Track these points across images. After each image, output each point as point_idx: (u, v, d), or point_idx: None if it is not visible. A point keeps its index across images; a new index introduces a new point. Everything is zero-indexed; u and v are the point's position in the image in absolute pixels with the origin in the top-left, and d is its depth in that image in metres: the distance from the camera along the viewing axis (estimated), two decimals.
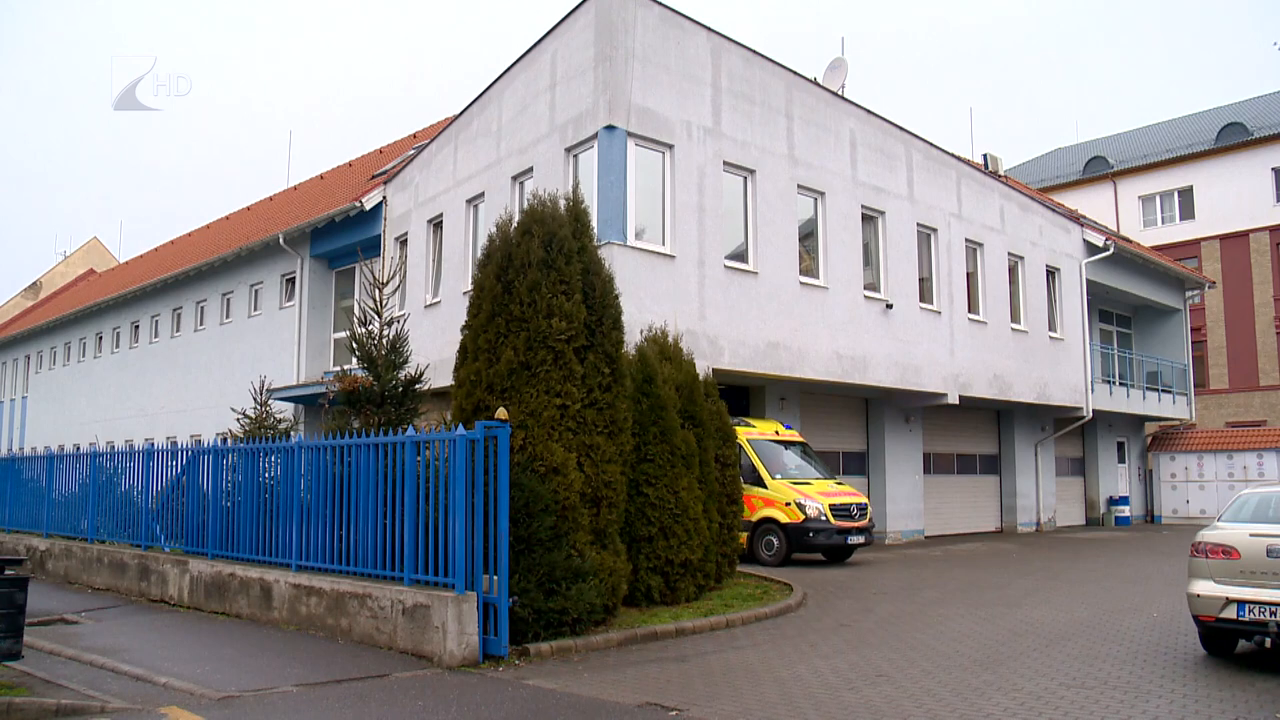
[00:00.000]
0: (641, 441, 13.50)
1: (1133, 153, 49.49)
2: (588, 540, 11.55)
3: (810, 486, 19.55)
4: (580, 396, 11.78)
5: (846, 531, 19.23)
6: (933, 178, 25.57)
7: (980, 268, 27.21)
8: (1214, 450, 35.78)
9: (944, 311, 25.49)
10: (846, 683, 9.39)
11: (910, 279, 24.54)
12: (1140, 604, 14.64)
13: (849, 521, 19.38)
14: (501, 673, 9.75)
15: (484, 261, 12.31)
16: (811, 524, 18.95)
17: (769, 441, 20.42)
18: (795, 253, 21.42)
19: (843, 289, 22.45)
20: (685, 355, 15.54)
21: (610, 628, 11.69)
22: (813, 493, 19.31)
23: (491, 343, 11.81)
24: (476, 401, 11.69)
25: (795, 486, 19.38)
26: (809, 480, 19.89)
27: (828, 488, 19.74)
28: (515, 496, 10.75)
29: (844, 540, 19.19)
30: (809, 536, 18.96)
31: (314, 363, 27.75)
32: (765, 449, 20.16)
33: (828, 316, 21.91)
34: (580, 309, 11.90)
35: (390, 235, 25.56)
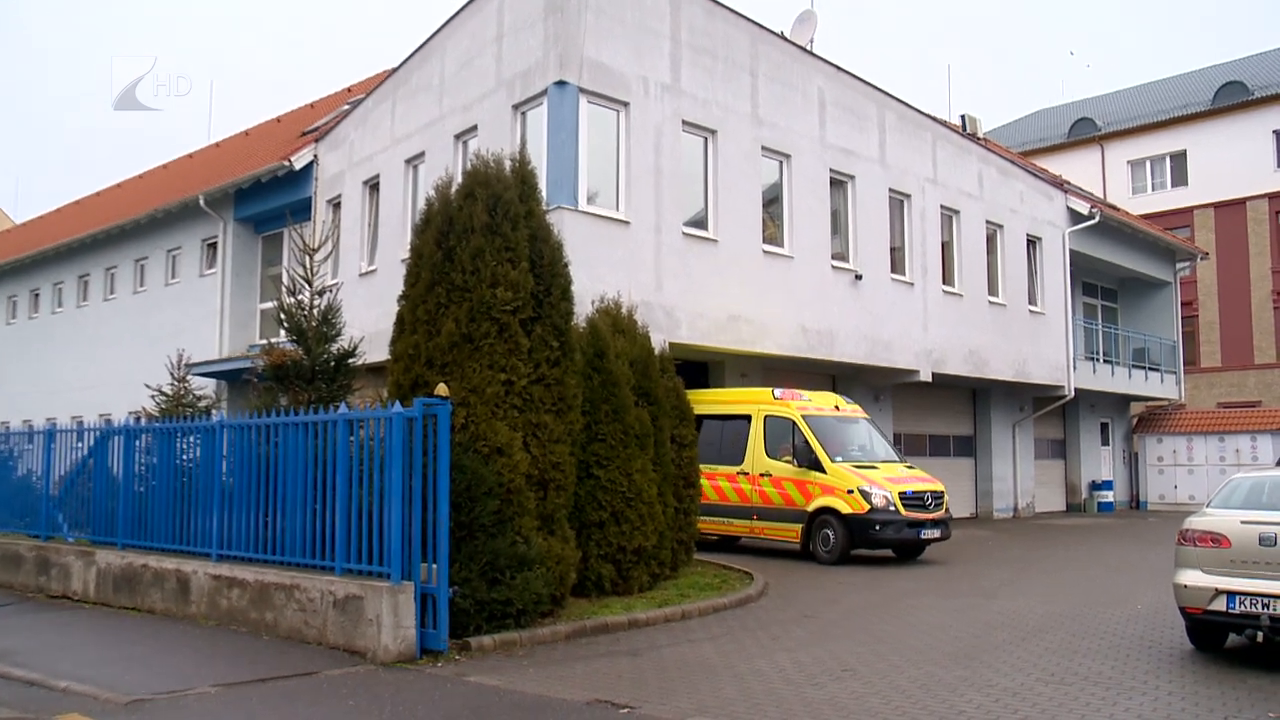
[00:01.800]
0: (592, 420, 13.52)
1: (1122, 114, 49.88)
2: (534, 526, 11.56)
3: (876, 471, 18.48)
4: (527, 372, 11.78)
5: (919, 524, 18.11)
6: (907, 140, 25.73)
7: (956, 236, 27.48)
8: (1204, 432, 36.18)
9: (917, 283, 25.73)
10: (810, 678, 9.50)
11: (881, 248, 24.72)
12: (1123, 595, 14.94)
13: (921, 512, 18.21)
14: (440, 669, 9.76)
15: (423, 226, 12.26)
16: (878, 515, 17.77)
17: (828, 418, 19.41)
18: (759, 219, 21.49)
19: (809, 258, 22.58)
20: (640, 328, 15.58)
21: (558, 619, 11.73)
22: (879, 478, 18.18)
23: (431, 314, 11.77)
24: (415, 377, 11.66)
25: (859, 471, 18.32)
26: (874, 464, 18.86)
27: (896, 472, 18.74)
28: (456, 479, 10.74)
29: (916, 535, 18.11)
30: (874, 530, 17.81)
31: (238, 335, 27.49)
32: (823, 427, 19.10)
33: (793, 288, 22.03)
34: (527, 278, 11.88)
35: (322, 197, 25.33)
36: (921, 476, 19.04)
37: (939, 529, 18.48)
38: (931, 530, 18.35)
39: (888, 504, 17.85)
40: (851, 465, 18.45)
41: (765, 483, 19.06)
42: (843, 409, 19.87)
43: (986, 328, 28.01)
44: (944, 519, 18.65)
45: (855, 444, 19.35)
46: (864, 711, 8.29)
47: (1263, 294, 43.95)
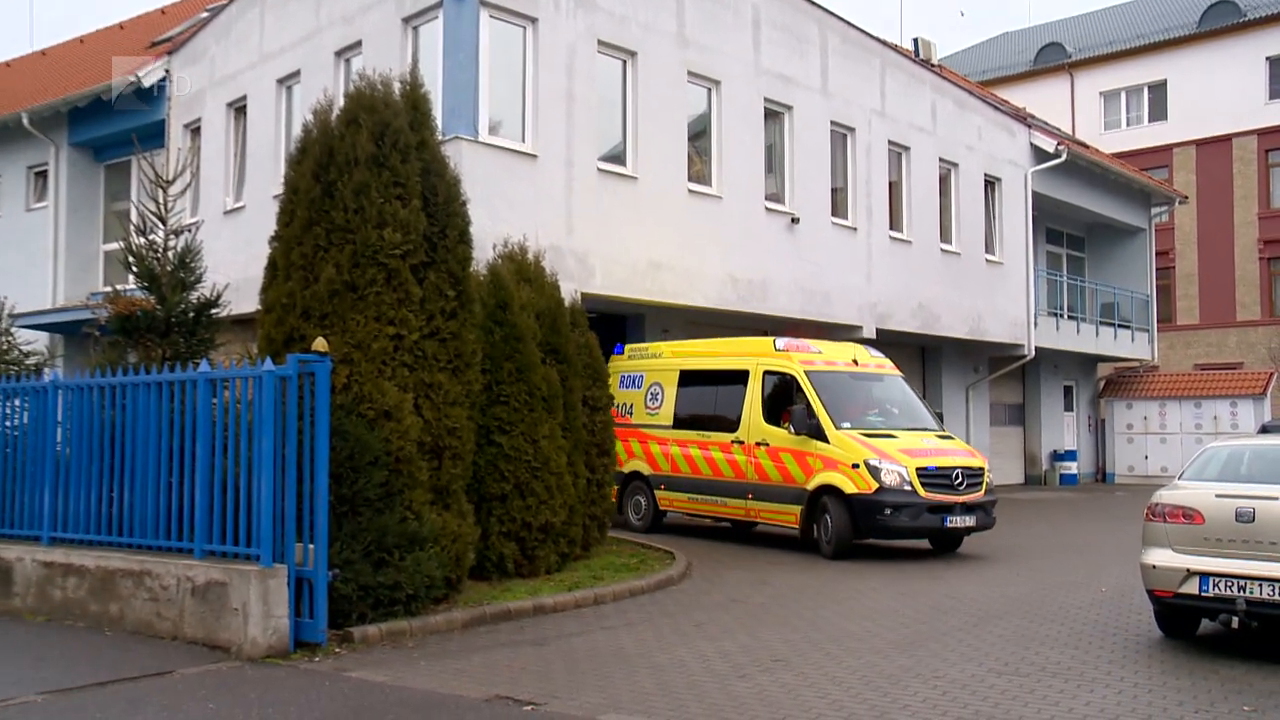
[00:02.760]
0: (494, 380, 13.55)
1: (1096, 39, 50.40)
2: (426, 500, 11.58)
3: (893, 441, 16.95)
4: (418, 325, 11.76)
5: (944, 509, 16.49)
6: (852, 66, 25.95)
7: (905, 176, 27.84)
8: (1179, 397, 36.93)
9: (861, 228, 26.04)
10: (736, 669, 9.68)
11: (821, 188, 24.96)
12: (1086, 577, 15.43)
13: (947, 494, 16.56)
14: (318, 663, 9.77)
15: (298, 157, 12.13)
16: (888, 496, 16.23)
17: (840, 374, 18.16)
18: (684, 155, 21.57)
19: (740, 199, 22.73)
20: (549, 276, 15.61)
21: (454, 605, 11.79)
22: (893, 450, 16.64)
23: (308, 258, 11.70)
24: (289, 330, 11.59)
25: (869, 440, 16.82)
26: (893, 431, 17.37)
27: (920, 443, 17.13)
28: (337, 447, 10.72)
29: (939, 522, 16.50)
30: (883, 515, 16.28)
31: (77, 281, 26.91)
32: (833, 385, 17.81)
33: (721, 232, 22.17)
34: (419, 218, 11.85)
35: (178, 121, 24.83)
36: (955, 449, 17.50)
37: (973, 515, 16.80)
38: (961, 517, 16.64)
39: (901, 482, 16.31)
40: (861, 433, 16.96)
41: (762, 454, 17.82)
42: (864, 363, 18.66)
43: (938, 279, 28.46)
44: (982, 503, 16.98)
45: (875, 406, 18.07)
46: (796, 706, 8.48)
47: (1247, 243, 44.64)
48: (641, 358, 20.66)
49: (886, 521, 16.34)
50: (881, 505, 16.25)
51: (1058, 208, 35.59)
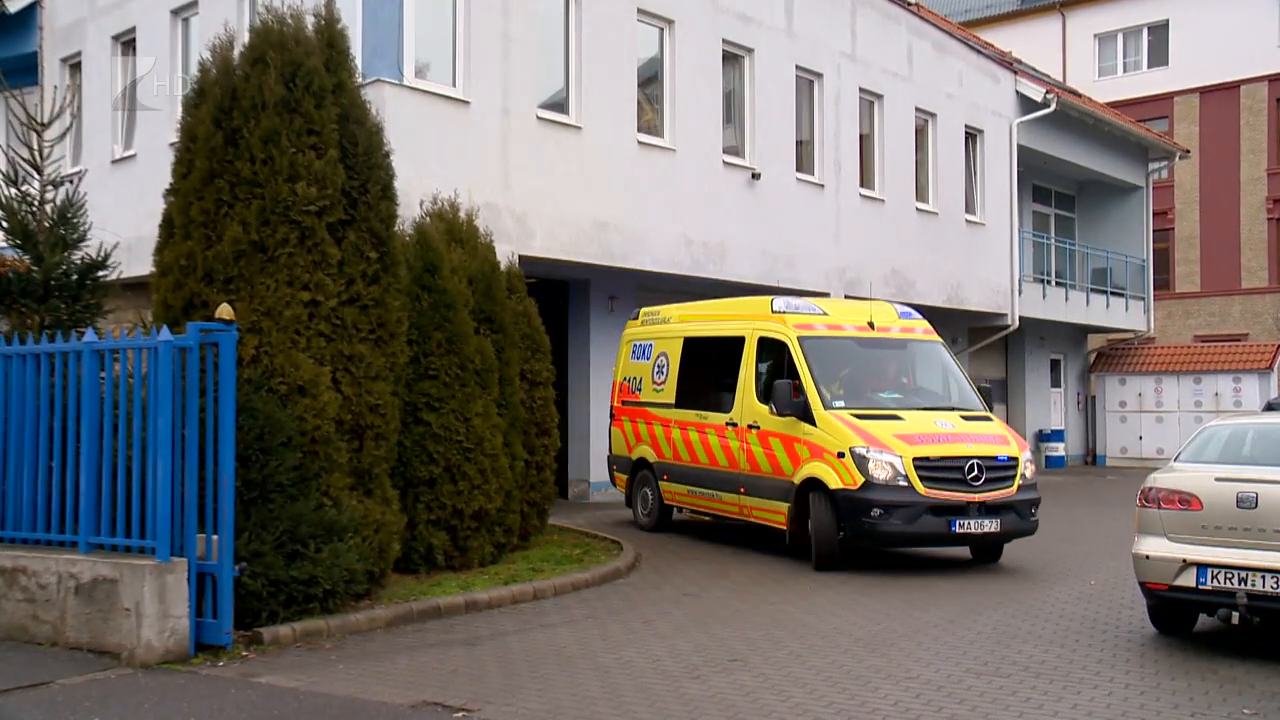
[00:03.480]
0: (421, 352, 13.53)
1: None
2: (346, 485, 11.55)
3: (893, 423, 15.10)
4: (337, 290, 11.70)
5: (952, 510, 14.53)
6: (819, 4, 25.91)
7: (878, 128, 27.85)
8: (1178, 372, 37.01)
9: (828, 185, 26.07)
10: (690, 670, 9.71)
11: (785, 141, 24.94)
12: (1073, 568, 15.65)
13: (958, 490, 14.56)
14: (222, 668, 9.69)
15: (196, 100, 12.00)
16: (875, 493, 14.42)
17: (845, 340, 16.54)
18: (633, 103, 21.49)
19: (696, 153, 22.67)
20: (483, 237, 15.57)
21: (377, 602, 11.79)
22: (887, 434, 14.79)
23: (210, 214, 11.58)
24: (189, 295, 11.48)
25: (861, 422, 15.02)
26: (900, 412, 15.55)
27: (932, 425, 15.23)
28: (245, 426, 10.65)
29: (945, 527, 14.55)
30: (870, 517, 14.46)
31: None
32: (832, 354, 16.29)
33: (675, 189, 22.11)
34: (337, 170, 11.77)
35: (53, 54, 24.36)
36: (982, 433, 15.42)
37: (997, 519, 14.80)
38: (978, 520, 14.66)
39: (894, 475, 14.45)
40: (854, 413, 15.22)
41: (753, 439, 16.35)
42: (885, 326, 16.78)
43: (913, 241, 28.57)
44: (1012, 503, 14.95)
45: (891, 380, 16.62)
46: (755, 710, 8.50)
47: (1255, 201, 44.67)
48: (652, 323, 19.43)
49: (874, 525, 14.45)
50: (867, 504, 14.39)
51: (1046, 163, 35.72)
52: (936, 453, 14.75)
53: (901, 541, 15.26)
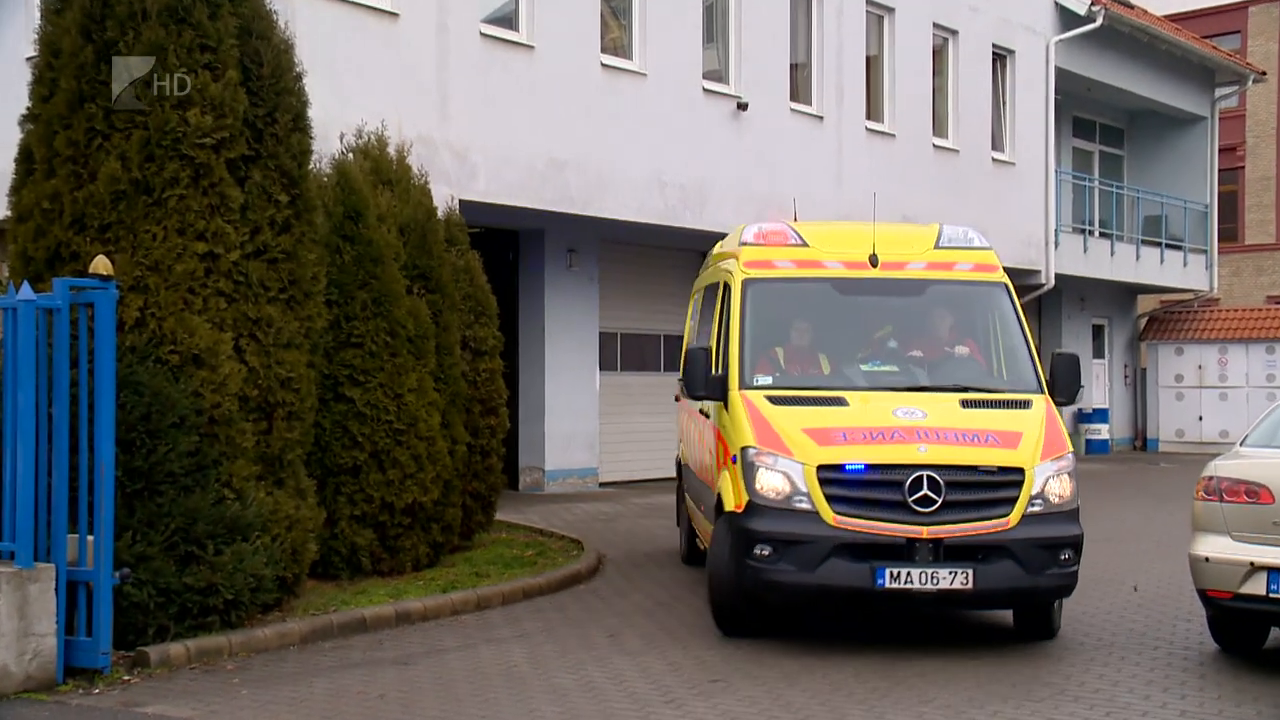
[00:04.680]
0: (343, 315, 13.45)
1: None
2: (252, 474, 11.43)
3: (832, 411, 11.96)
4: (239, 240, 11.50)
5: (880, 550, 11.03)
6: None
7: (888, 48, 27.87)
8: (1246, 339, 36.92)
9: (829, 116, 26.03)
10: (664, 693, 9.67)
11: (778, 65, 24.89)
12: (1116, 573, 15.58)
13: (896, 520, 11.06)
14: (99, 696, 9.56)
15: (58, 5, 11.76)
16: (761, 520, 11.31)
17: (818, 283, 13.47)
18: (596, 18, 21.47)
19: (671, 79, 22.61)
20: (416, 178, 15.48)
21: (289, 614, 11.72)
22: (792, 430, 11.63)
23: (79, 147, 11.36)
24: (54, 245, 11.30)
25: (776, 409, 11.99)
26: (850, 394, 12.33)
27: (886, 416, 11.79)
28: (128, 404, 10.52)
29: (869, 577, 10.90)
30: (755, 557, 11.21)
31: None
32: (789, 304, 13.53)
33: (646, 122, 22.02)
34: (237, 95, 11.58)
35: None
36: (971, 429, 11.80)
37: (967, 569, 10.96)
38: (932, 570, 10.93)
39: (788, 493, 11.29)
40: (776, 393, 12.32)
41: (708, 430, 13.80)
42: (894, 261, 13.30)
43: (928, 184, 28.48)
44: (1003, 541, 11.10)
45: (881, 341, 13.47)
46: None
47: None
48: (712, 263, 16.27)
49: (759, 571, 11.16)
50: (750, 538, 11.26)
51: (1090, 90, 35.70)
52: (861, 457, 11.25)
53: (798, 597, 11.51)
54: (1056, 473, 11.47)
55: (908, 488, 11.04)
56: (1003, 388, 12.79)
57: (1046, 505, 11.36)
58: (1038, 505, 11.30)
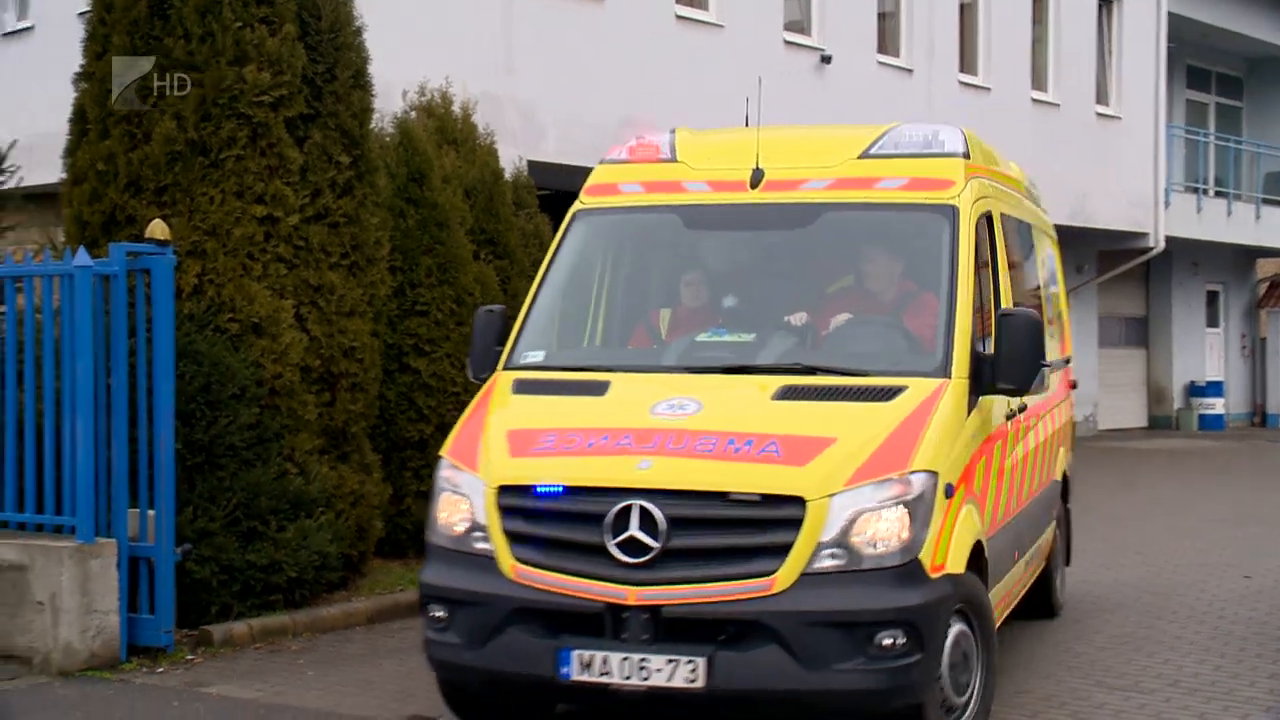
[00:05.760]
0: (407, 282, 13.50)
1: None
2: (315, 447, 11.56)
3: (577, 403, 8.93)
4: (299, 203, 11.60)
5: (570, 620, 7.84)
6: None
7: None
8: None
9: (918, 69, 25.96)
10: None
11: (864, 14, 24.85)
12: (1229, 558, 15.42)
13: (595, 572, 7.78)
14: (163, 676, 9.68)
15: None
16: (434, 570, 8.48)
17: (663, 215, 10.28)
18: None
19: (749, 29, 22.53)
20: (482, 138, 15.48)
21: (355, 593, 11.85)
22: (496, 432, 8.73)
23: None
24: (110, 209, 11.39)
25: (503, 399, 9.18)
26: (616, 376, 9.20)
27: (640, 414, 8.60)
28: (188, 374, 10.61)
29: (549, 660, 7.83)
30: (430, 627, 8.39)
31: None
32: (626, 244, 10.82)
33: (722, 76, 21.90)
34: (295, 50, 11.64)
35: None
36: (744, 433, 8.30)
37: (699, 655, 7.57)
38: (641, 655, 7.62)
39: (465, 528, 8.30)
40: (527, 375, 9.39)
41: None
42: (788, 179, 9.86)
43: (1026, 140, 28.05)
44: (761, 615, 7.62)
45: (743, 297, 10.16)
46: None
47: None
48: None
49: (429, 643, 8.35)
50: (422, 594, 8.57)
51: (1205, 36, 35.26)
52: (559, 475, 8.13)
53: (470, 684, 8.60)
54: (878, 505, 7.66)
55: (610, 525, 7.69)
56: (872, 368, 8.89)
57: (851, 558, 7.60)
58: (834, 558, 7.59)
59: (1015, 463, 9.85)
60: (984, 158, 10.36)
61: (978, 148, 10.13)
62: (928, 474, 7.74)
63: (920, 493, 7.67)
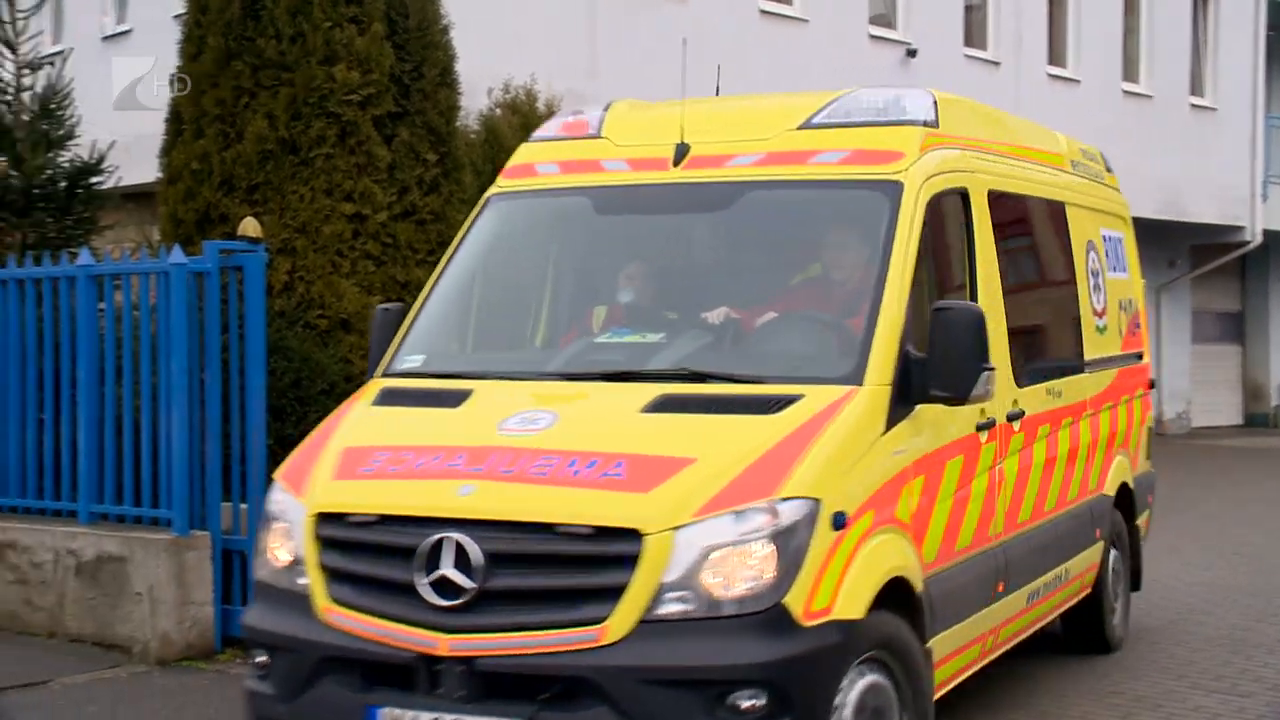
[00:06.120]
0: None
1: None
2: None
3: (435, 416, 7.86)
4: (387, 201, 11.81)
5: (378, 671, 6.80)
6: None
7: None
8: None
9: (1005, 62, 25.97)
10: None
11: (950, 7, 24.97)
12: None
13: (405, 617, 6.58)
14: None
15: None
16: (257, 610, 7.58)
17: (573, 197, 9.11)
18: None
19: (834, 24, 22.66)
20: None
21: None
22: (331, 450, 7.61)
23: (227, 105, 11.75)
24: (204, 207, 11.65)
25: (362, 410, 8.20)
26: (480, 384, 8.02)
27: (483, 431, 7.35)
28: (278, 369, 10.80)
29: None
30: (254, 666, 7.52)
31: None
32: (510, 231, 9.44)
33: (806, 71, 21.95)
34: (383, 49, 11.87)
35: None
36: (590, 452, 6.93)
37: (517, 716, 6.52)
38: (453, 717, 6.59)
39: (287, 561, 7.29)
40: (413, 383, 8.32)
41: None
42: (713, 155, 8.61)
43: (1117, 133, 27.72)
44: (564, 665, 6.36)
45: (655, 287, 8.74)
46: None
47: None
48: None
49: (249, 694, 7.39)
50: (246, 640, 8.00)
51: None
52: (377, 502, 7.00)
53: None
54: (736, 540, 6.31)
55: (422, 561, 6.56)
56: (772, 374, 7.59)
57: (701, 603, 6.27)
58: (680, 602, 6.29)
59: (999, 481, 8.50)
60: (970, 126, 9.17)
61: (958, 115, 8.94)
62: (804, 501, 6.37)
63: (791, 524, 6.31)
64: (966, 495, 7.97)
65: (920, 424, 7.35)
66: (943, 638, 7.48)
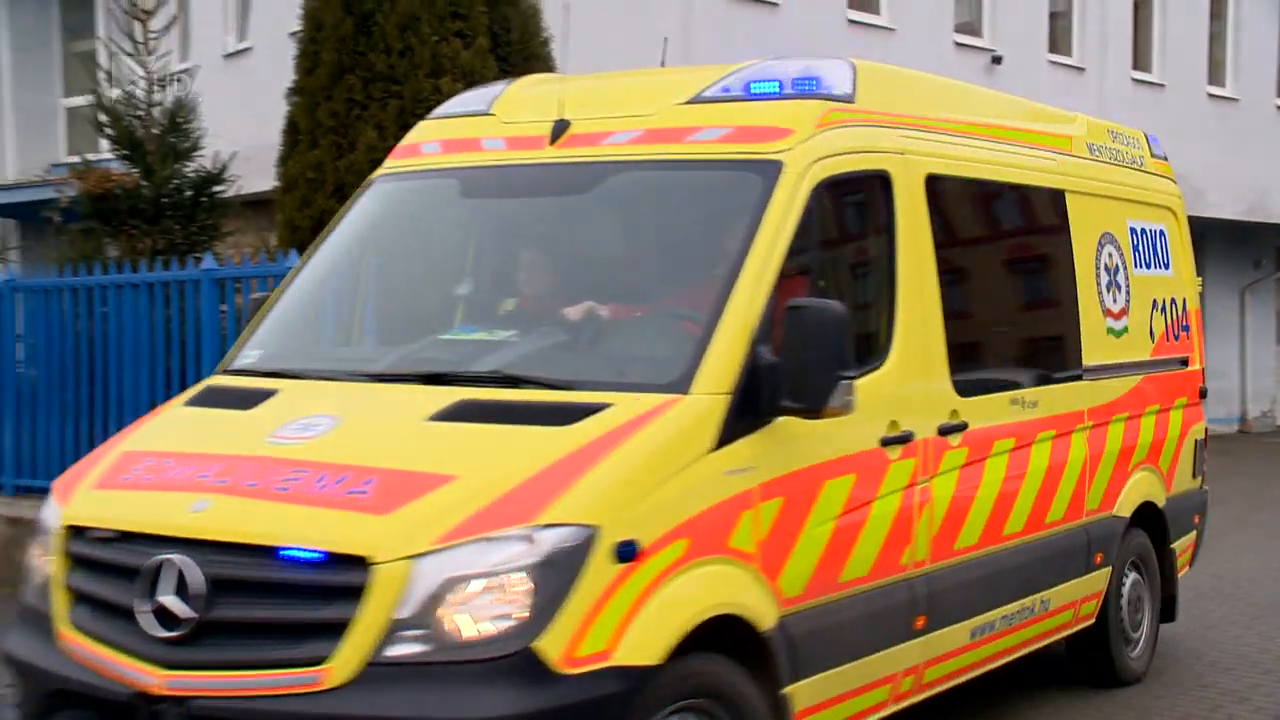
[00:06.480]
0: None
1: None
2: None
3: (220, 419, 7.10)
4: None
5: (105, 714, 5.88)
6: None
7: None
8: None
9: (1090, 68, 25.87)
10: None
11: (1036, 13, 24.88)
12: None
13: (125, 646, 5.78)
14: None
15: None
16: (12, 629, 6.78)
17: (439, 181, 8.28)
18: None
19: (920, 31, 22.69)
20: None
21: None
22: (107, 455, 7.02)
23: (340, 117, 11.99)
24: (318, 214, 11.74)
25: (177, 410, 7.56)
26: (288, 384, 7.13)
27: (258, 435, 6.44)
28: None
29: None
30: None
31: (32, 149, 26.97)
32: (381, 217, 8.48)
33: None
34: (487, 62, 12.07)
35: None
36: (335, 464, 5.98)
37: None
38: None
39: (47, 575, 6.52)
40: (233, 381, 7.50)
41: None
42: (595, 132, 7.55)
43: (1202, 136, 27.73)
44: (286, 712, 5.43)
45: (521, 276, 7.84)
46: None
47: None
48: None
49: None
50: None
51: None
52: (119, 516, 6.26)
53: None
54: (484, 571, 5.35)
55: (144, 585, 5.73)
56: (587, 379, 6.56)
57: (439, 644, 5.32)
58: (416, 642, 5.33)
59: (921, 503, 7.40)
60: (906, 102, 8.02)
61: (888, 89, 7.88)
62: (574, 528, 5.39)
63: (550, 554, 5.32)
64: (860, 520, 6.90)
65: (777, 438, 6.30)
66: (814, 681, 6.47)
